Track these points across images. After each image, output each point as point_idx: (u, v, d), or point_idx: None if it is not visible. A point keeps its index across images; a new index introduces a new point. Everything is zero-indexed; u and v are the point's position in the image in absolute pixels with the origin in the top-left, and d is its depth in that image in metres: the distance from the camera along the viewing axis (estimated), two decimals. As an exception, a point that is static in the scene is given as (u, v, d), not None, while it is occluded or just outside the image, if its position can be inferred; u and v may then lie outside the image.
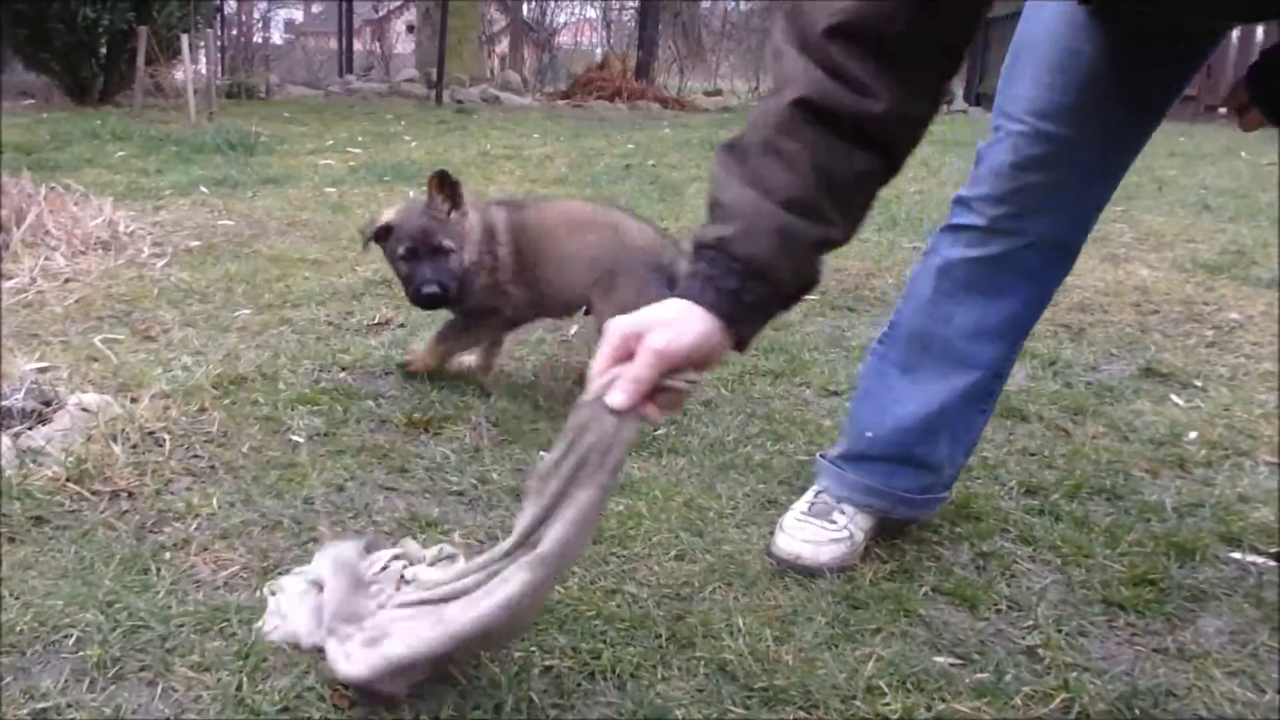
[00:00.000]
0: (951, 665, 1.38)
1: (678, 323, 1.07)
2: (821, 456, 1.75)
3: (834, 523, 1.64)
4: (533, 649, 1.36)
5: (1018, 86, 1.51)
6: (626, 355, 1.07)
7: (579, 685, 1.30)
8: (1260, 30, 7.70)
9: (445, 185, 2.16)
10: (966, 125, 9.04)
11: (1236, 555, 1.72)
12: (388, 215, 2.18)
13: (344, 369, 2.37)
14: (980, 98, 11.77)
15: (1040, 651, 1.42)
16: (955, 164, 6.34)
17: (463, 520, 1.70)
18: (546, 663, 1.34)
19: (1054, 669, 1.38)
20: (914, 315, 1.63)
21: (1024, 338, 1.63)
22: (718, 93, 13.80)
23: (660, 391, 1.08)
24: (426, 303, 2.19)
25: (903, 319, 1.65)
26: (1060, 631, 1.47)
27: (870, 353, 1.72)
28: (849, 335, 2.82)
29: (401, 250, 2.15)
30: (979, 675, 1.35)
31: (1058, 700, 1.31)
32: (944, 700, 1.30)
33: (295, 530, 1.62)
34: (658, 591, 1.52)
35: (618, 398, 1.07)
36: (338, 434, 2.00)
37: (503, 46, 17.43)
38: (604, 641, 1.38)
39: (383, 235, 2.18)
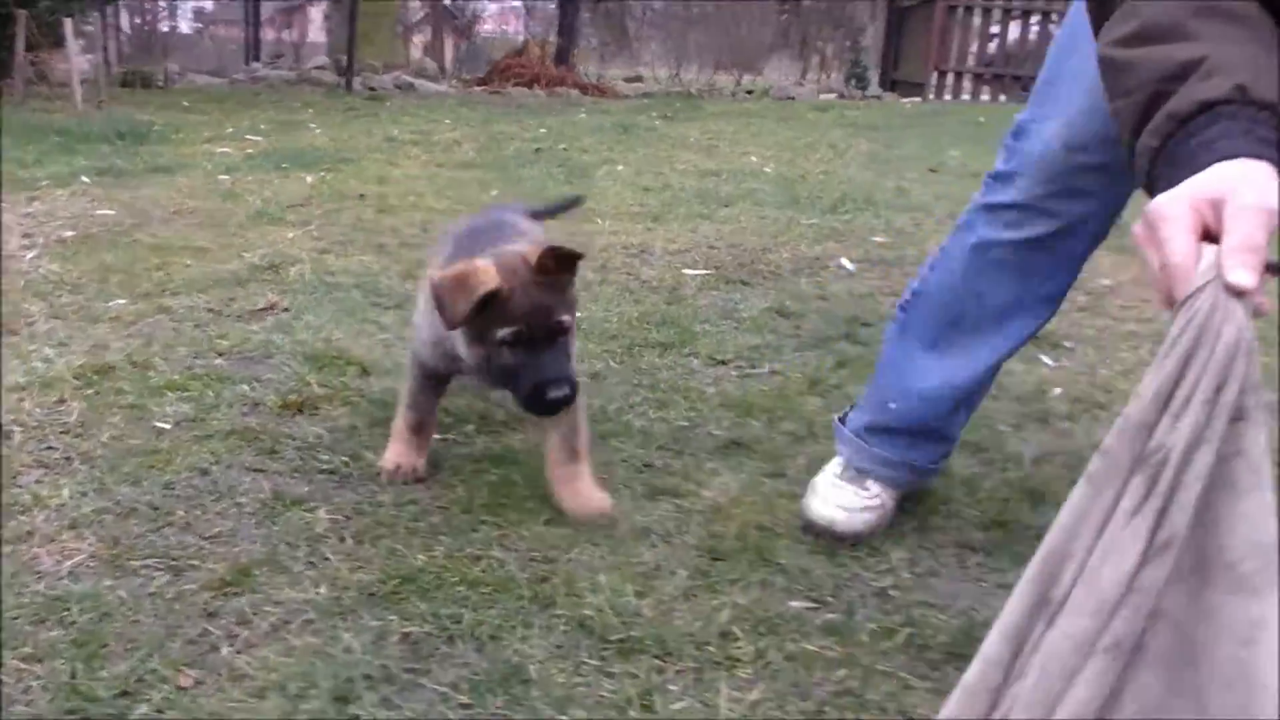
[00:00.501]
0: (806, 609, 1.42)
1: (1258, 180, 0.80)
2: (841, 422, 1.73)
3: (867, 489, 1.65)
4: (391, 618, 1.36)
5: (1076, 60, 1.42)
6: (1204, 232, 0.80)
7: (437, 649, 1.31)
8: None
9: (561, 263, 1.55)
10: (879, 110, 9.21)
11: (1088, 498, 1.79)
12: (488, 279, 1.49)
13: (221, 355, 2.31)
14: (895, 84, 11.98)
15: (891, 592, 1.47)
16: (862, 145, 6.46)
17: (331, 497, 1.68)
18: (405, 629, 1.34)
19: (902, 608, 1.43)
20: (944, 290, 1.61)
21: (1052, 315, 1.61)
22: (638, 79, 13.79)
23: None
24: (549, 410, 1.56)
25: (930, 290, 1.63)
26: (913, 573, 1.53)
27: (893, 320, 1.70)
28: (741, 308, 2.86)
29: (507, 334, 1.52)
30: (830, 616, 1.40)
31: (902, 635, 1.36)
32: (795, 641, 1.34)
33: (152, 516, 1.59)
34: (524, 555, 1.52)
35: (1243, 274, 0.74)
36: (207, 419, 1.95)
37: (425, 35, 17.16)
38: (466, 606, 1.39)
39: (481, 305, 1.52)
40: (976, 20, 10.79)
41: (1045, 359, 2.55)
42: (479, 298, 1.48)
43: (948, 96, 10.71)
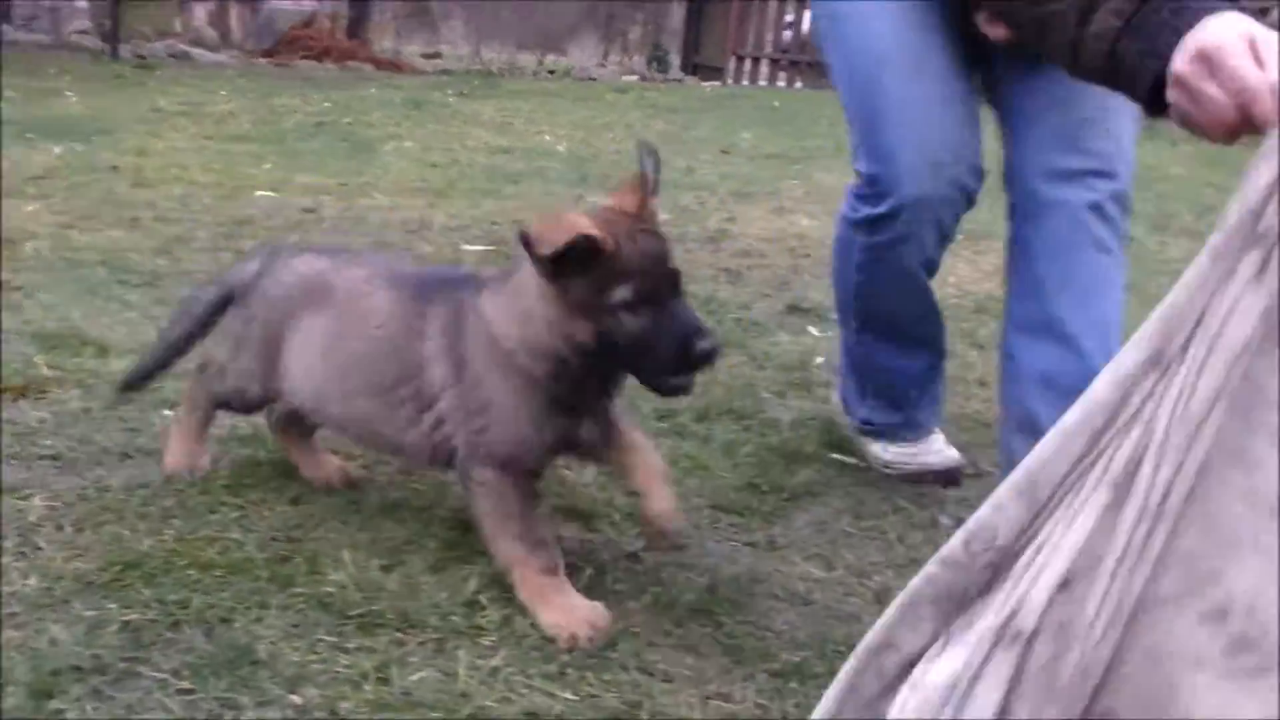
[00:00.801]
0: (557, 574, 1.43)
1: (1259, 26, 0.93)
2: (861, 423, 1.90)
3: (933, 432, 1.89)
4: (110, 606, 1.26)
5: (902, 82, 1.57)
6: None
7: (160, 636, 1.23)
8: None
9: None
10: (679, 93, 9.40)
11: (836, 457, 1.92)
12: (582, 224, 1.27)
13: (-70, 340, 2.07)
14: (696, 68, 12.25)
15: (642, 555, 1.51)
16: (658, 126, 6.57)
17: (50, 484, 1.55)
18: (125, 617, 1.25)
19: (651, 569, 1.48)
20: (885, 316, 1.78)
21: None
22: (438, 55, 13.42)
23: None
24: (700, 366, 1.31)
25: (874, 314, 1.79)
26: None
27: (848, 344, 1.89)
28: (523, 283, 2.84)
29: (627, 294, 1.27)
30: (580, 580, 1.42)
31: (648, 595, 1.40)
32: (543, 607, 1.34)
33: None
34: (265, 535, 1.46)
35: None
36: (-95, 408, 1.75)
37: (210, 3, 15.98)
38: (196, 590, 1.31)
39: (581, 259, 1.26)
40: (773, 8, 11.22)
41: (812, 330, 2.69)
42: (574, 237, 1.23)
43: (746, 81, 11.09)
